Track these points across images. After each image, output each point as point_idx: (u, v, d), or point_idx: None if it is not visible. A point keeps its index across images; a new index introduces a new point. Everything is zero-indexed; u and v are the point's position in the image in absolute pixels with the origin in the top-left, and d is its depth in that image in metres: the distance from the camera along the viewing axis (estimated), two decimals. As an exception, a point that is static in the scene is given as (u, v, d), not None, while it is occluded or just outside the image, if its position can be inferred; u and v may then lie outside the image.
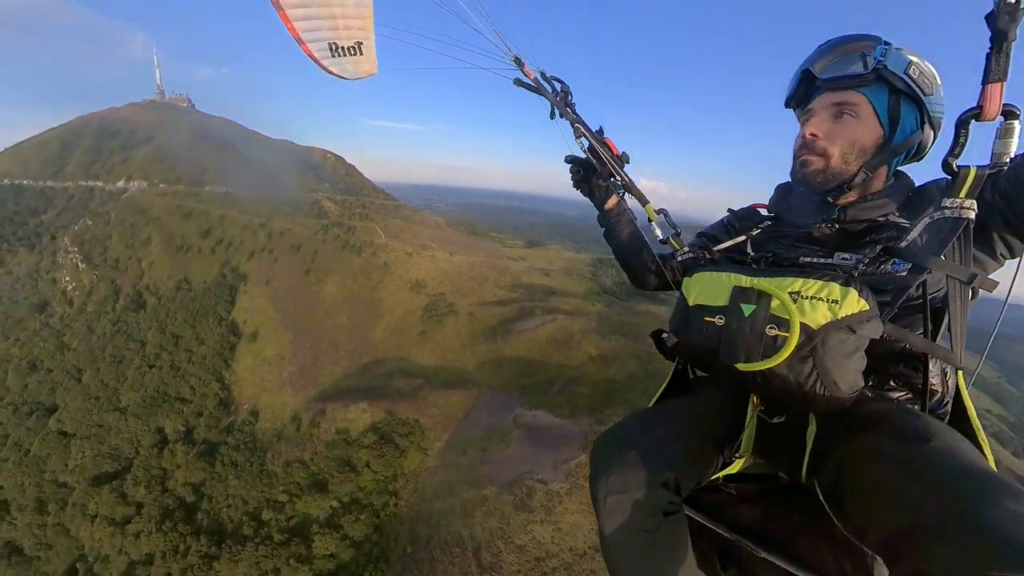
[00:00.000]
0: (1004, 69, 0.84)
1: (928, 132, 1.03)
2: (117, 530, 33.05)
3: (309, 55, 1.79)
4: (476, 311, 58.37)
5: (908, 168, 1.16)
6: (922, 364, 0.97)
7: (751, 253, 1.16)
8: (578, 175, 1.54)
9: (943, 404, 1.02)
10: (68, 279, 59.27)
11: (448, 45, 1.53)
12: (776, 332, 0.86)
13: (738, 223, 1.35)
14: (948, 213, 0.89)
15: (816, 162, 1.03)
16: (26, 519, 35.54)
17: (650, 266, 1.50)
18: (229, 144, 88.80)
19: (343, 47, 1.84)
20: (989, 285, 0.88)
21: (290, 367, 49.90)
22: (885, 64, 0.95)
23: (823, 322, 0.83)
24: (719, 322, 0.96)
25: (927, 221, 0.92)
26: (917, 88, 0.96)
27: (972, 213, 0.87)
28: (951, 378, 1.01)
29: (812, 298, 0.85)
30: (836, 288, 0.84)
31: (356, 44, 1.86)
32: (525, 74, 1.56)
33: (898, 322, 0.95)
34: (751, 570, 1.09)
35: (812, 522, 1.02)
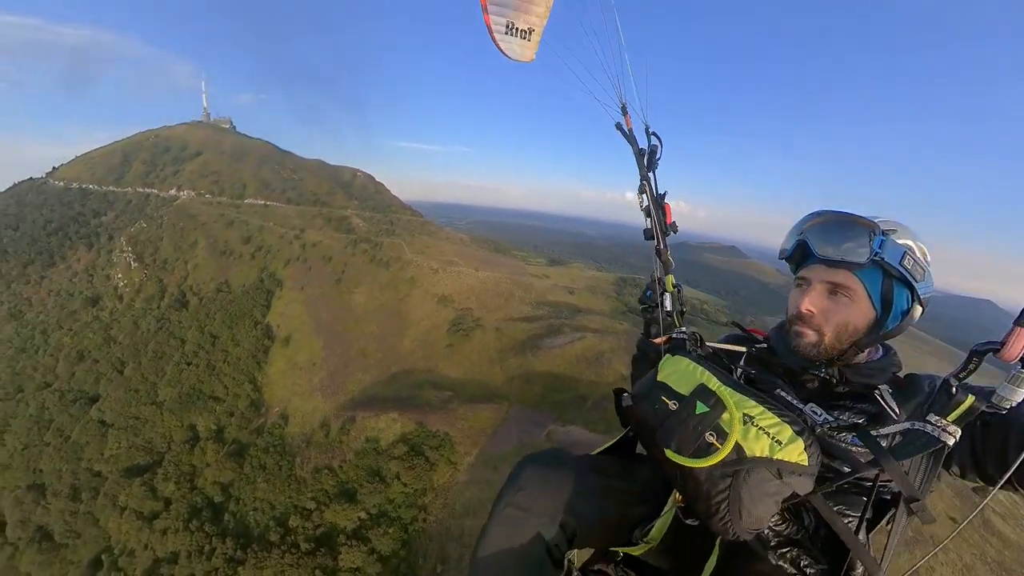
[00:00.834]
0: None
1: (917, 309, 1.05)
2: (145, 524, 32.84)
3: (488, 26, 1.96)
4: (503, 326, 58.17)
5: None
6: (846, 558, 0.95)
7: (741, 366, 1.17)
8: (650, 307, 1.55)
9: None
10: (120, 276, 62.16)
11: (575, 63, 1.61)
12: (712, 440, 0.89)
13: (738, 340, 1.33)
14: (929, 429, 0.88)
15: (810, 336, 1.05)
16: (60, 505, 35.84)
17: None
18: (267, 163, 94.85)
19: (518, 28, 2.02)
20: (927, 519, 0.86)
21: (321, 373, 50.14)
22: (882, 256, 0.97)
23: (757, 454, 0.84)
24: (672, 407, 0.98)
25: (907, 426, 0.92)
26: (910, 276, 0.99)
27: (952, 440, 0.86)
28: None
29: (761, 429, 0.86)
30: (788, 431, 0.85)
31: (529, 29, 2.04)
32: (625, 121, 1.60)
33: (837, 499, 0.97)
34: None
35: None
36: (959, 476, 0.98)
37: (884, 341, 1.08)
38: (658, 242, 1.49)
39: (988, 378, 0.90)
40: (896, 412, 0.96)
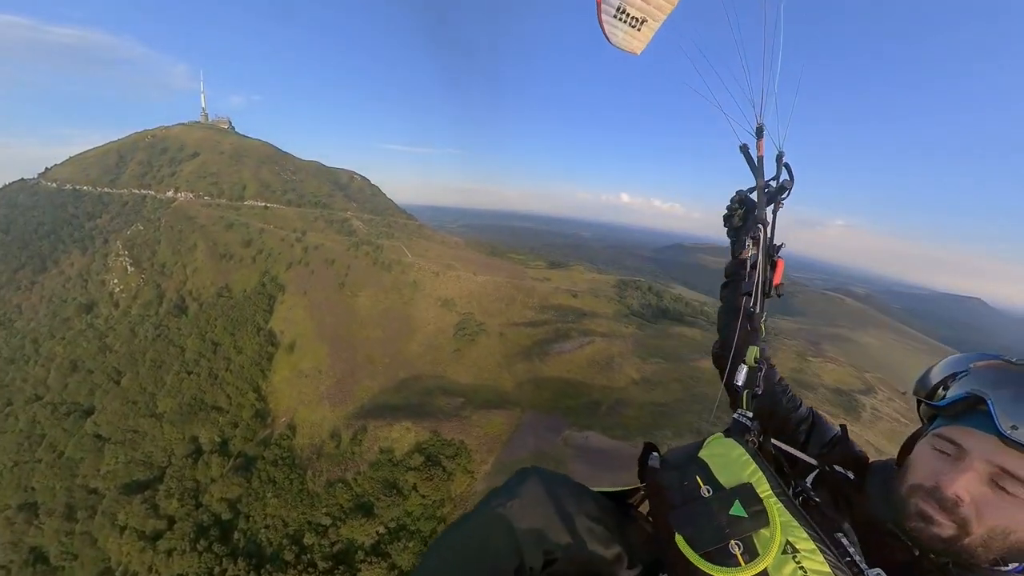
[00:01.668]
0: None
1: None
2: (147, 545, 30.86)
3: (597, 3, 1.90)
4: (507, 331, 57.28)
5: None
6: None
7: (804, 484, 0.95)
8: (736, 214, 1.37)
9: None
10: (116, 281, 59.78)
11: (711, 71, 1.39)
12: (736, 553, 0.73)
13: (831, 448, 1.12)
14: None
15: (947, 528, 0.77)
16: (54, 525, 33.62)
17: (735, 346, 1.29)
18: (266, 164, 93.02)
19: (629, 14, 1.91)
20: None
21: (327, 380, 48.48)
22: None
23: None
24: (704, 492, 0.84)
25: None
26: None
27: None
28: None
29: (801, 568, 0.68)
30: None
31: (641, 19, 1.93)
32: (757, 146, 1.35)
33: None
34: None
35: None
36: None
37: None
38: (755, 303, 1.20)
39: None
40: None
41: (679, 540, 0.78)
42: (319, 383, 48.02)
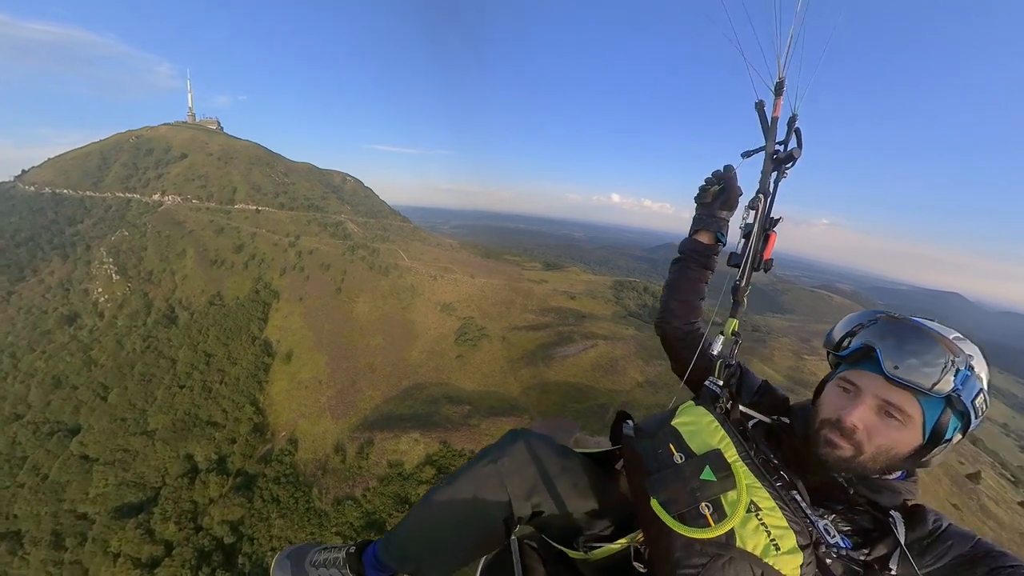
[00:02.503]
0: None
1: (956, 437, 0.96)
2: (144, 573, 28.87)
3: None
4: (509, 335, 56.41)
5: None
6: None
7: (760, 440, 1.06)
8: (711, 189, 1.34)
9: None
10: (100, 290, 56.79)
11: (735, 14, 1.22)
12: (707, 513, 0.82)
13: (765, 398, 1.22)
14: None
15: (845, 450, 0.94)
16: (40, 555, 31.24)
17: (689, 326, 1.35)
18: (256, 165, 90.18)
19: None
20: None
21: (328, 391, 46.76)
22: (960, 393, 0.87)
23: (748, 549, 0.78)
24: (677, 459, 0.92)
25: None
26: (974, 415, 0.91)
27: None
28: None
29: (763, 525, 0.80)
30: (791, 540, 0.79)
31: None
32: (774, 104, 1.22)
33: None
34: None
35: None
36: None
37: (918, 466, 0.98)
38: (741, 275, 1.21)
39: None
40: (902, 546, 0.87)
41: (654, 503, 0.86)
42: (319, 394, 46.29)
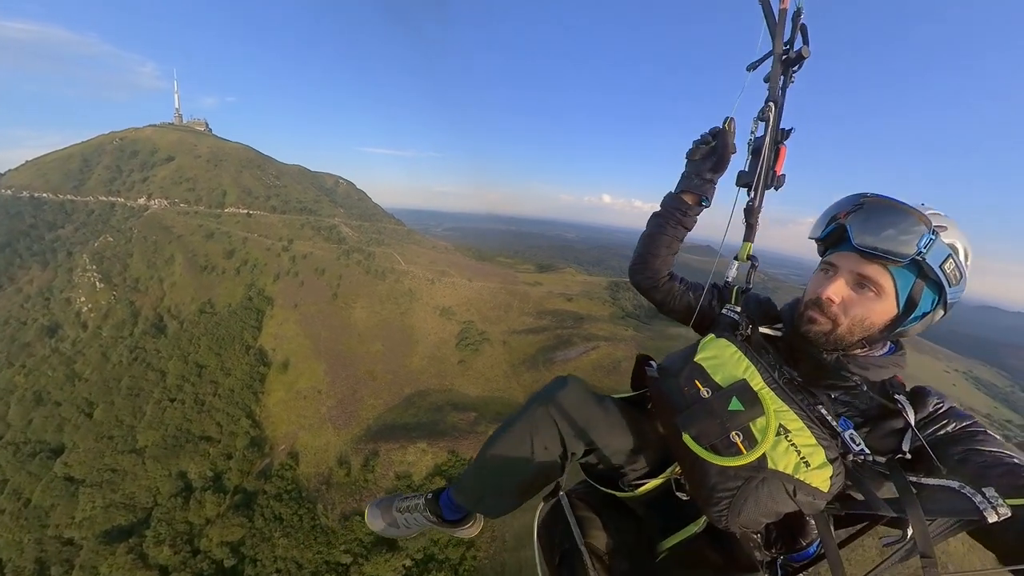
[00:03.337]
0: None
1: (939, 313, 0.98)
2: (137, 603, 27.16)
3: None
4: (510, 339, 55.69)
5: None
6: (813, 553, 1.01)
7: (781, 359, 1.07)
8: (704, 147, 1.26)
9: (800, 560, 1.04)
10: (83, 299, 53.77)
11: None
12: (737, 441, 0.86)
13: (755, 307, 1.21)
14: (978, 501, 0.77)
15: (823, 324, 0.99)
16: (22, 587, 29.19)
17: (661, 275, 1.36)
18: (247, 168, 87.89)
19: None
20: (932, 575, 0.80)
21: (328, 401, 45.16)
22: (924, 257, 0.90)
23: (780, 469, 0.82)
24: (704, 394, 0.95)
25: (954, 486, 0.81)
26: (945, 281, 0.92)
27: (994, 519, 0.75)
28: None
29: (793, 445, 0.84)
30: (820, 456, 0.83)
31: None
32: None
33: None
34: (566, 563, 1.15)
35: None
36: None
37: (894, 339, 1.03)
38: (754, 195, 1.16)
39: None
40: (913, 428, 0.90)
41: (686, 438, 0.90)
42: (319, 404, 44.69)
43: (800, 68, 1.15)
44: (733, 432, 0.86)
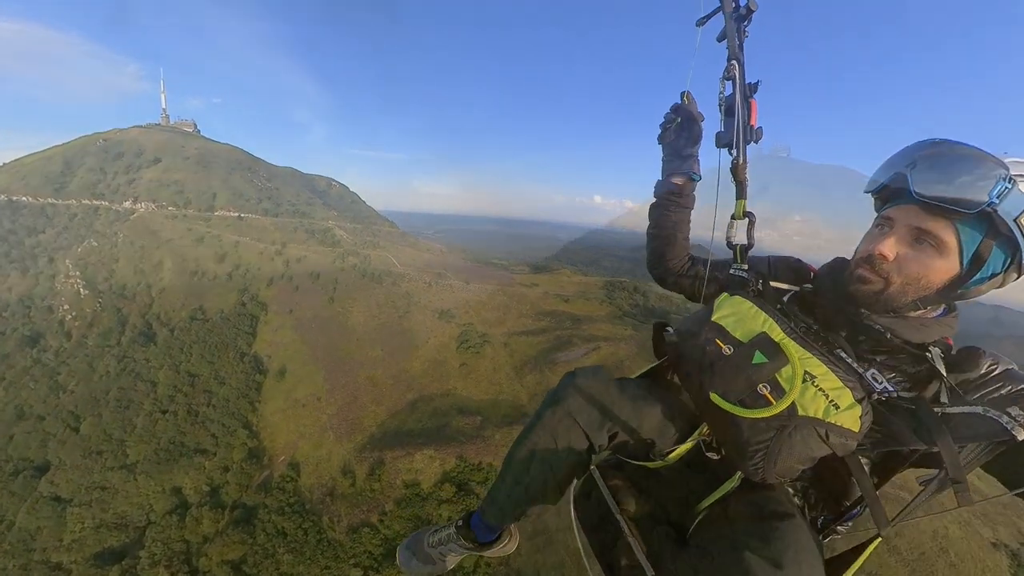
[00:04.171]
0: None
1: (1011, 276, 0.89)
2: (132, 629, 25.55)
3: None
4: (511, 341, 55.11)
5: None
6: (851, 501, 1.00)
7: (796, 311, 1.04)
8: (672, 127, 1.27)
9: (842, 522, 1.02)
10: (67, 307, 51.14)
11: None
12: (766, 393, 0.85)
13: (781, 270, 1.20)
14: (1004, 421, 0.78)
15: (875, 283, 0.92)
16: (5, 617, 27.30)
17: (682, 262, 1.35)
18: (238, 170, 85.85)
19: None
20: (965, 501, 0.80)
21: (328, 408, 43.83)
22: (997, 208, 0.79)
23: (811, 415, 0.82)
24: (726, 351, 0.93)
25: (978, 411, 0.82)
26: (1021, 236, 0.82)
27: (1023, 435, 0.76)
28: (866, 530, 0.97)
29: (820, 390, 0.83)
30: (848, 397, 0.82)
31: None
32: None
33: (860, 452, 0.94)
34: (613, 542, 1.15)
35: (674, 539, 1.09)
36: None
37: (956, 299, 0.93)
38: (736, 151, 1.14)
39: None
40: (945, 378, 0.86)
41: (714, 397, 0.89)
42: (319, 412, 43.34)
43: (750, 22, 1.13)
44: (760, 385, 0.85)
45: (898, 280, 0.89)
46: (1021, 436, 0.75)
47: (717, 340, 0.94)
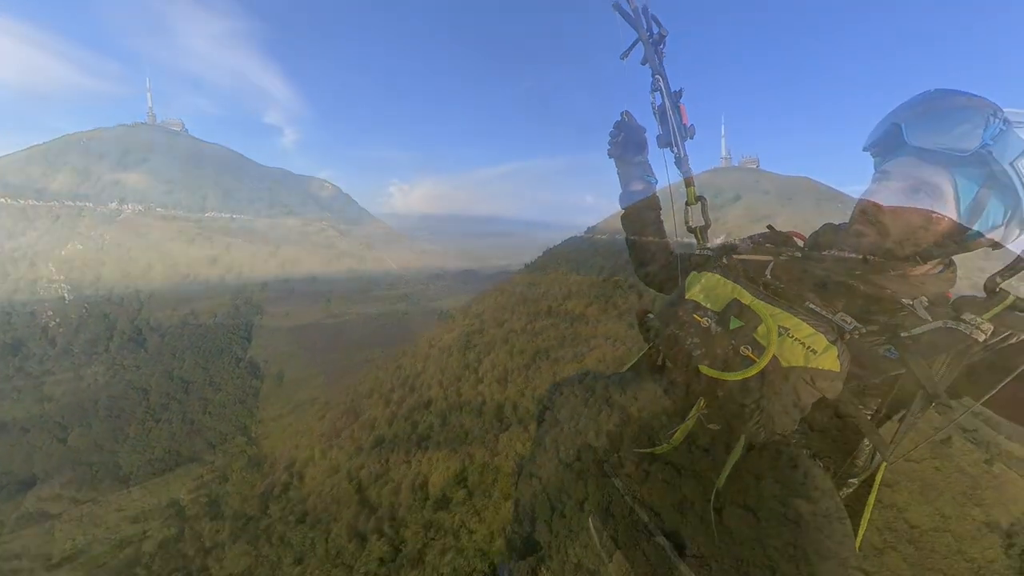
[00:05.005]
0: None
1: (1013, 230, 0.85)
2: (129, 651, 24.19)
3: None
4: (511, 340, 54.81)
5: None
6: (854, 441, 1.04)
7: (767, 276, 1.08)
8: (618, 141, 1.39)
9: (853, 476, 1.06)
10: (51, 313, 48.92)
11: None
12: (748, 353, 0.87)
13: (768, 242, 1.24)
14: (962, 327, 0.79)
15: (870, 236, 0.92)
16: (-9, 644, 25.61)
17: (663, 262, 1.42)
18: (228, 170, 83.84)
19: None
20: (943, 410, 0.85)
21: (329, 413, 42.76)
22: (991, 149, 0.77)
23: (793, 364, 0.84)
24: (704, 324, 0.97)
25: (939, 325, 0.83)
26: (1019, 182, 0.78)
27: (983, 337, 0.77)
28: (874, 463, 1.03)
29: (796, 340, 0.85)
30: (822, 341, 0.83)
31: None
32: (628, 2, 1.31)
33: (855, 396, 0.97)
34: (627, 532, 1.18)
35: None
36: None
37: (954, 252, 0.89)
38: (675, 147, 1.29)
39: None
40: (929, 319, 0.85)
41: (702, 368, 0.92)
42: (320, 417, 42.31)
43: (664, 44, 1.27)
44: (742, 347, 0.87)
45: (896, 232, 0.88)
46: (981, 338, 0.76)
47: (695, 315, 0.98)
